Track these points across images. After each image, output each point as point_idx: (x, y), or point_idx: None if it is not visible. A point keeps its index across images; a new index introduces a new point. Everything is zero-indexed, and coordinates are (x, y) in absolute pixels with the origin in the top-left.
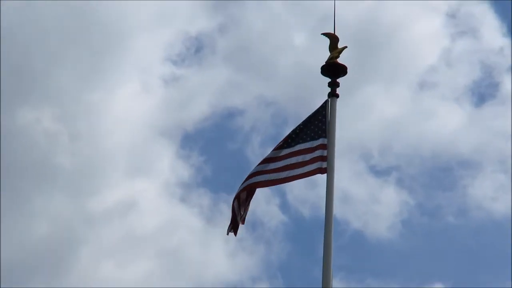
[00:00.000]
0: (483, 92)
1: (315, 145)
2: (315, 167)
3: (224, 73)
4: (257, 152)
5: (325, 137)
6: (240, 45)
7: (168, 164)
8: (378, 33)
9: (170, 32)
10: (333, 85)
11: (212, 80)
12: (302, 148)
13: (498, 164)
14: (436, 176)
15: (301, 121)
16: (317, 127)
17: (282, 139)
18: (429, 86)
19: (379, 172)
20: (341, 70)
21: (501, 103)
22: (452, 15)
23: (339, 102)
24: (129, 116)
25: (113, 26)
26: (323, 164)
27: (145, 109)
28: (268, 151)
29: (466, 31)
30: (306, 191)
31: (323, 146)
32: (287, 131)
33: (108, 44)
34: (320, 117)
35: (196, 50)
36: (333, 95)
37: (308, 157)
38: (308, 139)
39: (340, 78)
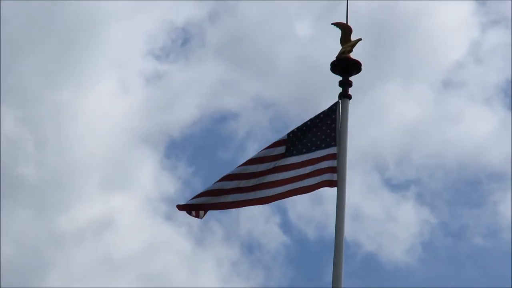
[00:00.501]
0: None
1: (322, 155)
2: (323, 179)
3: (215, 69)
4: None
5: (334, 145)
6: (234, 37)
7: (151, 176)
8: (395, 23)
9: (152, 21)
10: (345, 84)
11: (201, 77)
12: (306, 159)
13: None
14: (462, 191)
15: (302, 123)
16: (325, 134)
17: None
18: (455, 85)
19: (395, 186)
20: (355, 67)
21: None
22: (482, 2)
23: (350, 104)
24: (104, 119)
25: (85, 13)
26: (333, 176)
27: (123, 111)
28: None
29: (499, 20)
30: (311, 208)
31: (332, 156)
32: None
33: (79, 34)
34: (329, 122)
35: (182, 42)
36: (344, 96)
37: (311, 168)
38: (314, 148)
39: (353, 76)
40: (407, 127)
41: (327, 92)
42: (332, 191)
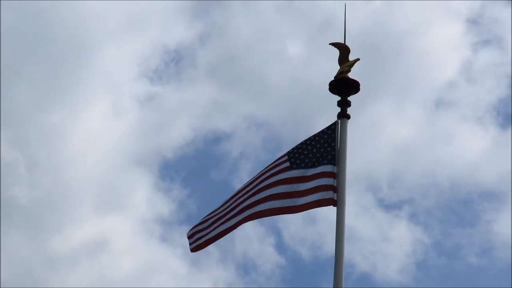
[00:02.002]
0: (510, 112)
1: (321, 170)
2: (323, 198)
3: (208, 90)
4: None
5: (334, 164)
6: (225, 58)
7: (145, 198)
8: (388, 42)
9: (144, 43)
10: (344, 104)
11: (194, 99)
12: (307, 174)
13: None
14: (455, 210)
15: (302, 140)
16: (326, 151)
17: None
18: (447, 104)
19: (389, 206)
20: (353, 87)
21: None
22: (474, 21)
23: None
24: (98, 141)
25: (76, 36)
26: (333, 195)
27: (117, 133)
28: None
29: (491, 40)
30: (304, 228)
31: (332, 175)
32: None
33: (71, 57)
34: (329, 140)
35: (174, 63)
36: (343, 116)
37: (311, 184)
38: (316, 164)
39: (350, 96)
40: (400, 146)
41: (319, 111)
42: (325, 211)
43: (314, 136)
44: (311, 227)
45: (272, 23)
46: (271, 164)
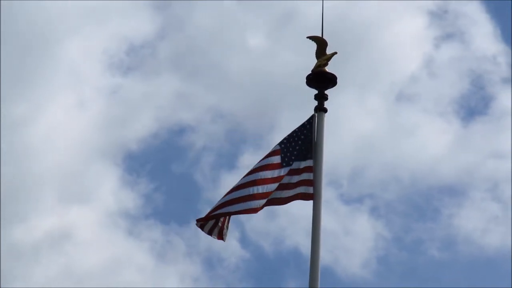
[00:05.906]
0: (472, 107)
1: (302, 166)
2: (299, 192)
3: (171, 82)
4: (210, 173)
5: (311, 158)
6: (187, 49)
7: (110, 190)
8: (350, 35)
9: (107, 35)
10: (321, 97)
11: (157, 90)
12: (295, 167)
13: (489, 191)
14: (416, 204)
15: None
16: (304, 146)
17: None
18: (409, 98)
19: (350, 200)
20: (330, 81)
21: (493, 120)
22: (437, 15)
23: (303, 118)
24: (62, 133)
25: (40, 27)
26: (309, 189)
27: (81, 125)
28: (223, 171)
29: (453, 34)
30: (265, 223)
31: (309, 169)
32: (245, 149)
33: (35, 48)
34: (308, 134)
35: (137, 56)
36: (320, 109)
37: (291, 179)
38: (299, 158)
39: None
40: (361, 140)
41: (282, 102)
42: (282, 206)
43: (298, 129)
44: (272, 222)
45: (233, 15)
46: (267, 156)
